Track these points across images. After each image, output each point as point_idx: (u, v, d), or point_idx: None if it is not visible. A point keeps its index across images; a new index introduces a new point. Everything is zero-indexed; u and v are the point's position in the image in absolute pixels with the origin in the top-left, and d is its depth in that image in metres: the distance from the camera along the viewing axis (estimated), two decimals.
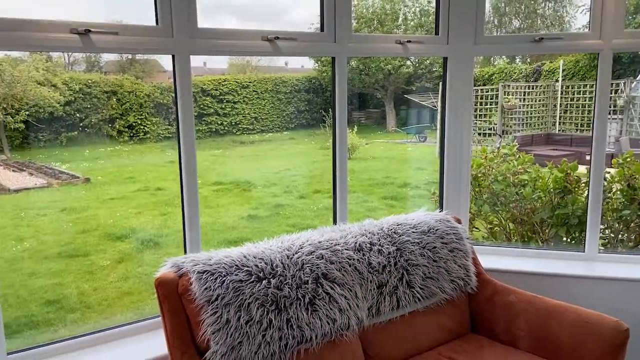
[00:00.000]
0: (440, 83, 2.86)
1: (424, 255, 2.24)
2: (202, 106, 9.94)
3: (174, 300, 1.77)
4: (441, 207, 2.85)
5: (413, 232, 2.29)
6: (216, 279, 1.78)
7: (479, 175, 3.51)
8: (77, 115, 8.00)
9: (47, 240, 5.39)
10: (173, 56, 2.00)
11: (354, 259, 2.08)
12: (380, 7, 12.43)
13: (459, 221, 2.48)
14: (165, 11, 1.95)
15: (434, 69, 13.07)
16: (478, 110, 10.23)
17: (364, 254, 2.12)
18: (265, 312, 1.81)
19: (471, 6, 2.65)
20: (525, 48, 2.74)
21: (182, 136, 2.10)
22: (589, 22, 2.57)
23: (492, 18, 16.01)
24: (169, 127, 9.37)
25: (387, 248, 2.18)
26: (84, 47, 1.83)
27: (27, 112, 6.63)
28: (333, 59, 2.43)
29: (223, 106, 10.18)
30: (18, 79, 5.81)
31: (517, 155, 3.61)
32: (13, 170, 7.56)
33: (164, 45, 1.98)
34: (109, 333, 2.04)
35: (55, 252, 5.11)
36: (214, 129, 10.13)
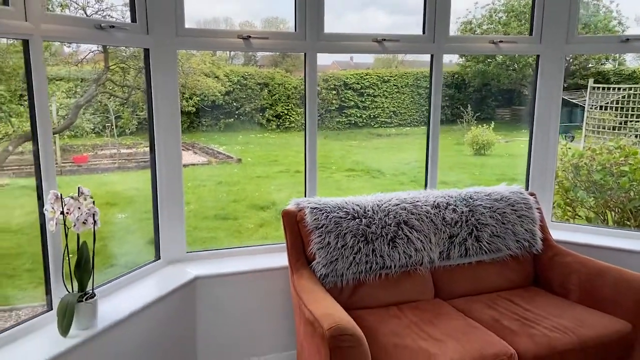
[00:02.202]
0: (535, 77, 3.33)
1: (493, 218, 2.82)
2: (343, 99, 10.78)
3: (293, 225, 2.62)
4: (527, 187, 3.35)
5: (487, 198, 2.88)
6: (323, 214, 2.59)
7: (580, 164, 3.87)
8: (234, 104, 9.44)
9: (207, 205, 6.75)
10: (305, 54, 2.85)
11: (430, 213, 2.75)
12: None
13: (533, 195, 2.99)
14: (301, 22, 2.79)
15: (589, 65, 12.55)
16: (637, 110, 9.74)
17: (440, 210, 2.78)
18: (356, 241, 2.57)
19: (564, 8, 3.11)
20: (612, 48, 3.11)
21: (307, 118, 2.95)
22: None
23: None
24: None
25: (461, 208, 2.81)
26: (246, 48, 2.75)
27: (198, 99, 8.15)
28: (432, 56, 3.09)
29: (363, 99, 10.86)
30: (193, 71, 7.27)
31: (624, 148, 3.89)
32: (182, 149, 9.25)
33: (298, 46, 2.83)
34: (252, 249, 2.98)
35: (212, 214, 6.42)
36: (353, 121, 10.89)
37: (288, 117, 9.96)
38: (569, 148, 4.04)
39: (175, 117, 2.67)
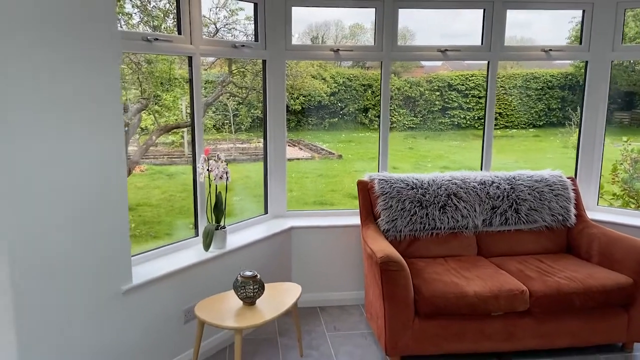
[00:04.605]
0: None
1: (531, 195, 3.59)
2: (447, 100, 11.33)
3: (365, 192, 3.59)
4: (575, 174, 4.03)
5: (528, 179, 3.65)
6: (388, 184, 3.54)
7: (639, 159, 4.43)
8: (339, 104, 10.52)
9: (307, 193, 7.91)
10: (381, 62, 3.81)
11: (477, 188, 3.59)
12: None
13: (572, 179, 3.70)
14: (379, 37, 3.76)
15: None
16: None
17: (485, 187, 3.60)
18: (413, 206, 3.48)
19: (611, 21, 3.79)
20: None
21: (382, 116, 3.91)
22: None
23: None
24: (414, 118, 11.21)
25: (504, 186, 3.61)
26: (335, 58, 3.76)
27: (304, 98, 9.37)
28: (488, 63, 3.91)
29: (467, 100, 11.32)
30: (300, 74, 8.50)
31: None
32: (289, 145, 10.57)
33: (377, 56, 3.80)
34: (340, 211, 4.03)
35: (311, 200, 7.57)
36: (456, 122, 11.40)
37: (390, 117, 10.77)
38: (630, 144, 4.59)
39: (281, 112, 3.76)
